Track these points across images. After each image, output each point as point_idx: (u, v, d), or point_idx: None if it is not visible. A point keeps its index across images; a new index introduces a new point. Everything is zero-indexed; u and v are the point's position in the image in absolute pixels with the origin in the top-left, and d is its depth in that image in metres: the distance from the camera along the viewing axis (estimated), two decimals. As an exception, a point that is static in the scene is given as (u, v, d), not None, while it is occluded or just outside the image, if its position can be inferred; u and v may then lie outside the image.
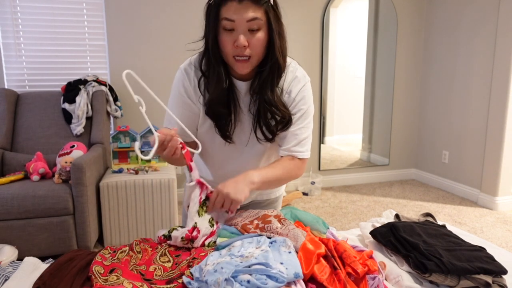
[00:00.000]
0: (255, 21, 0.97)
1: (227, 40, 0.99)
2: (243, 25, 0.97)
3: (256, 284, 0.71)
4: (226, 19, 0.97)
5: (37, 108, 2.78)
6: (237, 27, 0.97)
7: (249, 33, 0.98)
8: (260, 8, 0.97)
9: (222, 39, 1.00)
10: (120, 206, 2.49)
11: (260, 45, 1.01)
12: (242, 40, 0.98)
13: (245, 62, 1.02)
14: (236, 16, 0.96)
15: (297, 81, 1.13)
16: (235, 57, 1.01)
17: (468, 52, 3.45)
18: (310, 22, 3.63)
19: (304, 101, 1.14)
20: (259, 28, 0.99)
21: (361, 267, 0.83)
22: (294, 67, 1.14)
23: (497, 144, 3.21)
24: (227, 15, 0.96)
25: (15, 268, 0.93)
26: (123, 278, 0.80)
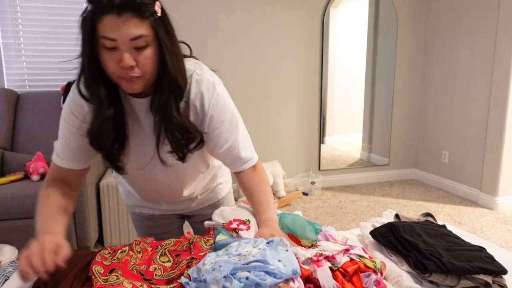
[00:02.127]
0: (140, 39, 0.82)
1: (110, 60, 0.84)
2: (126, 43, 0.81)
3: (255, 280, 0.71)
4: (105, 37, 0.81)
5: (37, 108, 2.78)
6: (120, 45, 0.82)
7: (135, 51, 0.83)
8: (144, 22, 0.82)
9: (104, 59, 0.84)
10: (120, 206, 2.49)
11: (151, 63, 0.86)
12: (128, 61, 0.82)
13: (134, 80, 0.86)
14: (117, 34, 0.80)
15: (207, 92, 0.98)
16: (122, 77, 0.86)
17: (468, 52, 3.45)
18: (310, 22, 3.63)
19: (223, 110, 1.01)
20: (146, 44, 0.84)
21: (351, 265, 0.83)
22: (199, 75, 0.98)
23: (497, 144, 3.21)
24: (106, 33, 0.80)
25: (15, 268, 0.93)
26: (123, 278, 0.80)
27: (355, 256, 0.86)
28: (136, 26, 0.81)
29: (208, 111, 0.98)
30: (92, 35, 0.83)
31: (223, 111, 1.01)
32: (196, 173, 1.15)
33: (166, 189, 1.15)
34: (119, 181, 1.27)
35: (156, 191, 1.16)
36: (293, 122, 3.74)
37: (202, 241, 0.96)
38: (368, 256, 0.88)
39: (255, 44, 3.48)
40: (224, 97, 1.02)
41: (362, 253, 0.88)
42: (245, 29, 3.43)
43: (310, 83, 3.73)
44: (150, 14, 0.83)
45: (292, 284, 0.74)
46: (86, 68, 0.87)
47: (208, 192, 1.28)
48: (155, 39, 0.85)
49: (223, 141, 1.03)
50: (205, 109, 0.98)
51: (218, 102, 0.99)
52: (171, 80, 0.90)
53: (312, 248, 0.91)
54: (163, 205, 1.25)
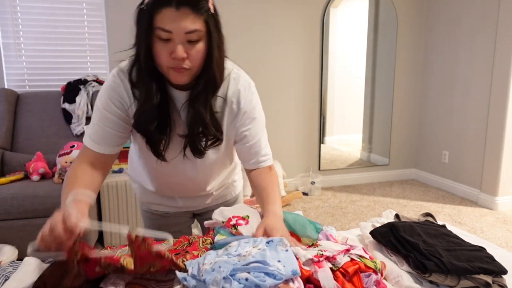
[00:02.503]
0: (194, 33, 0.87)
1: (163, 51, 0.89)
2: (181, 36, 0.86)
3: (254, 282, 0.71)
4: (162, 29, 0.86)
5: (37, 108, 2.78)
6: (174, 38, 0.87)
7: (187, 44, 0.88)
8: (200, 18, 0.87)
9: (157, 49, 0.89)
10: (120, 206, 2.49)
11: (200, 57, 0.92)
12: (181, 53, 0.87)
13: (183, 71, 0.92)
14: (174, 26, 0.85)
15: (243, 89, 1.05)
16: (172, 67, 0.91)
17: (468, 52, 3.45)
18: (310, 22, 3.63)
19: (255, 110, 1.08)
20: (199, 39, 0.89)
21: (352, 265, 0.83)
22: (237, 74, 1.06)
23: (497, 144, 3.21)
24: (162, 24, 0.85)
25: (15, 268, 0.93)
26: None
27: (356, 256, 0.86)
28: (192, 21, 0.86)
29: (243, 107, 1.05)
30: (150, 27, 0.88)
31: (255, 109, 1.08)
32: (222, 167, 1.20)
33: (190, 182, 1.17)
34: (135, 178, 1.28)
35: (179, 184, 1.18)
36: (293, 122, 3.74)
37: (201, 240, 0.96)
38: (369, 256, 0.89)
39: (255, 44, 3.48)
40: (257, 97, 1.10)
41: (363, 254, 0.88)
42: (245, 29, 3.43)
43: (310, 83, 3.73)
44: (205, 11, 0.88)
45: (292, 285, 0.74)
46: (142, 57, 0.92)
47: (223, 188, 1.30)
48: (206, 35, 0.91)
49: (250, 137, 1.09)
50: (241, 106, 1.05)
51: (252, 100, 1.07)
52: (210, 75, 0.96)
53: (312, 247, 0.91)
54: (179, 201, 1.26)
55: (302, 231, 1.01)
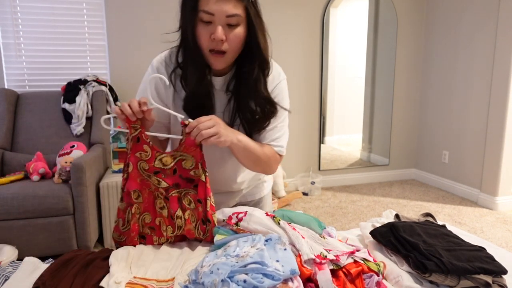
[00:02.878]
0: (234, 17, 0.94)
1: (204, 33, 0.96)
2: (222, 19, 0.94)
3: (253, 283, 0.71)
4: (205, 11, 0.93)
5: (37, 108, 2.78)
6: (216, 20, 0.94)
7: (227, 27, 0.95)
8: (241, 4, 0.94)
9: (199, 31, 0.97)
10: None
11: (238, 41, 0.98)
12: (220, 34, 0.94)
13: (220, 57, 0.99)
14: (216, 9, 0.92)
15: (272, 78, 1.10)
16: (211, 51, 0.98)
17: (468, 52, 3.45)
18: (310, 22, 3.63)
19: (283, 96, 1.13)
20: (238, 23, 0.96)
21: (355, 267, 0.83)
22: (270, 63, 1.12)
23: (497, 144, 3.21)
24: (206, 7, 0.93)
25: (15, 268, 0.93)
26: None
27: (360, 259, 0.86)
28: (234, 5, 0.93)
29: (272, 92, 1.10)
30: (194, 10, 0.94)
31: (283, 97, 1.13)
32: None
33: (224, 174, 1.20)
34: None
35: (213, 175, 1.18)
36: (293, 122, 3.74)
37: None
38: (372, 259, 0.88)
39: (255, 44, 3.48)
40: (285, 89, 1.15)
41: (367, 257, 0.88)
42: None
43: (310, 83, 3.73)
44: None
45: (291, 284, 0.74)
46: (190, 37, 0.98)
47: (252, 187, 1.32)
48: (245, 21, 0.97)
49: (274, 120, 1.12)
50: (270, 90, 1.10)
51: (281, 88, 1.13)
52: (262, 57, 1.02)
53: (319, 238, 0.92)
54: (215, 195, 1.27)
55: (307, 224, 1.01)
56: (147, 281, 0.84)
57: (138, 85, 1.12)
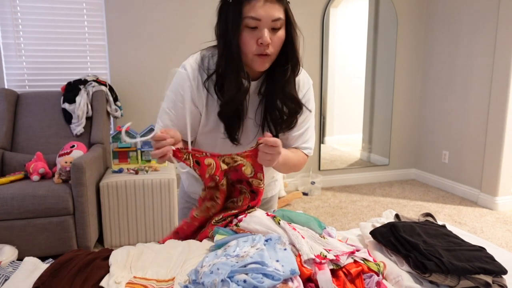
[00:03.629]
0: (278, 21, 0.98)
1: (250, 38, 0.98)
2: (268, 23, 0.97)
3: (253, 284, 0.71)
4: (252, 17, 0.95)
5: (37, 108, 2.78)
6: (262, 25, 0.96)
7: (272, 31, 0.99)
8: (282, 7, 0.99)
9: (244, 38, 0.98)
10: (120, 206, 2.49)
11: (280, 44, 1.02)
12: (267, 38, 0.97)
13: (266, 58, 1.01)
14: (263, 14, 0.95)
15: (303, 83, 1.15)
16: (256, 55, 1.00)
17: (468, 51, 3.45)
18: (310, 22, 3.63)
19: (308, 104, 1.16)
20: (281, 26, 1.00)
21: (355, 267, 0.83)
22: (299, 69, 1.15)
23: (497, 144, 3.21)
24: (252, 13, 0.95)
25: (15, 268, 0.93)
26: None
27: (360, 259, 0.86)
28: (277, 9, 0.97)
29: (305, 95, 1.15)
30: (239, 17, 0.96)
31: (310, 102, 1.18)
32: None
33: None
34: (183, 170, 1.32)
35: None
36: (293, 122, 3.74)
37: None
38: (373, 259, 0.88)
39: (255, 44, 3.48)
40: (313, 93, 1.20)
41: (367, 257, 0.88)
42: (245, 29, 3.43)
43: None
44: (286, 2, 1.01)
45: (291, 284, 0.74)
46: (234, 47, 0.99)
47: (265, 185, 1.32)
48: (284, 24, 1.01)
49: (299, 126, 1.16)
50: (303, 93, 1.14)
51: (309, 93, 1.17)
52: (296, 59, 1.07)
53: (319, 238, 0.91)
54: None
55: (307, 224, 1.01)
56: (147, 281, 0.84)
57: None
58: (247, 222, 0.96)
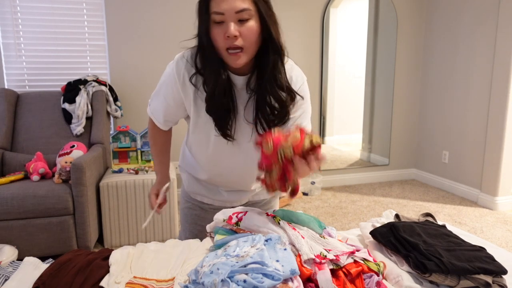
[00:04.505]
0: (244, 12, 0.96)
1: (218, 33, 0.98)
2: (232, 16, 0.96)
3: (253, 283, 0.71)
4: (215, 12, 0.96)
5: (37, 108, 2.78)
6: (227, 19, 0.96)
7: (239, 23, 0.97)
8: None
9: (213, 33, 0.99)
10: (120, 206, 2.49)
11: (252, 35, 0.99)
12: (233, 30, 0.96)
13: (238, 55, 0.99)
14: (225, 7, 0.95)
15: (296, 79, 1.12)
16: (228, 50, 0.99)
17: (468, 52, 3.45)
18: (310, 22, 3.63)
19: (303, 101, 1.13)
20: (249, 17, 0.97)
21: (355, 267, 0.83)
22: (290, 65, 1.13)
23: (497, 144, 3.21)
24: (216, 8, 0.96)
25: (15, 268, 0.93)
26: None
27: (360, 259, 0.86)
28: (241, 1, 0.95)
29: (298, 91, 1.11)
30: (207, 14, 0.98)
31: (304, 100, 1.13)
32: None
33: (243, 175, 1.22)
34: (185, 168, 1.33)
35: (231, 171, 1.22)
36: (293, 122, 3.74)
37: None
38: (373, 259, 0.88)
39: (255, 44, 3.48)
40: (307, 89, 1.16)
41: (367, 257, 0.88)
42: (245, 29, 3.43)
43: (310, 83, 3.72)
44: None
45: (291, 284, 0.74)
46: (205, 43, 1.01)
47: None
48: (257, 14, 0.98)
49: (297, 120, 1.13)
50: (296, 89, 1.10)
51: (303, 90, 1.13)
52: (276, 45, 1.03)
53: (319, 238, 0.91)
54: (224, 194, 1.28)
55: (307, 224, 1.01)
56: (147, 281, 0.84)
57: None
58: (247, 221, 0.96)
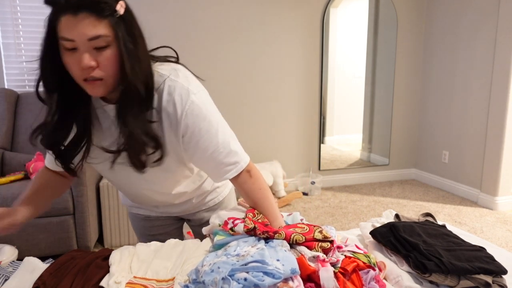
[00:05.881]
0: (99, 39, 0.79)
1: (72, 62, 0.82)
2: (84, 44, 0.79)
3: (253, 282, 0.71)
4: (64, 38, 0.79)
5: (37, 108, 2.78)
6: (79, 46, 0.80)
7: (95, 51, 0.81)
8: (102, 21, 0.79)
9: (66, 61, 0.83)
10: (120, 206, 2.49)
11: (112, 65, 0.83)
12: (87, 61, 0.80)
13: (97, 83, 0.84)
14: (74, 34, 0.78)
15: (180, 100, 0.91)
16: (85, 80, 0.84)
17: (468, 52, 3.45)
18: (310, 22, 3.63)
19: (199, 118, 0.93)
20: (107, 44, 0.81)
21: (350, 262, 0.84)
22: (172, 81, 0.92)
23: (497, 144, 3.21)
24: (64, 33, 0.79)
25: (15, 268, 0.93)
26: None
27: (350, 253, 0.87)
28: (93, 25, 0.78)
29: (182, 119, 0.92)
30: (54, 36, 0.82)
31: (199, 119, 0.93)
32: (180, 178, 1.09)
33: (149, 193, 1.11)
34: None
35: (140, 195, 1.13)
36: (293, 122, 3.74)
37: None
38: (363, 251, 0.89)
39: (255, 44, 3.48)
40: (200, 103, 0.93)
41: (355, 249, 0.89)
42: (245, 29, 3.43)
43: (310, 83, 3.73)
44: (109, 13, 0.79)
45: (291, 284, 0.74)
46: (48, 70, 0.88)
47: (204, 195, 1.23)
48: (115, 40, 0.82)
49: (202, 151, 0.96)
50: (178, 117, 0.92)
51: (193, 110, 0.92)
52: (129, 85, 0.85)
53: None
54: (159, 207, 1.22)
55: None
56: (147, 281, 0.84)
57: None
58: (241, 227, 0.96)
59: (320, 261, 0.81)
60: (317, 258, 0.82)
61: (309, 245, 0.87)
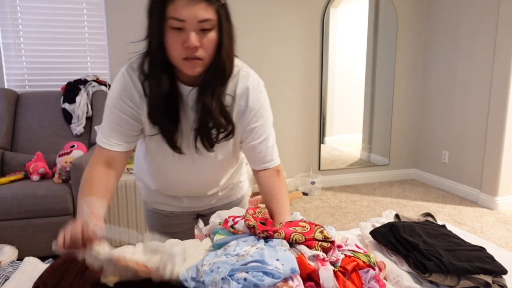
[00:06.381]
0: (207, 22, 0.88)
1: (176, 41, 0.89)
2: (194, 25, 0.87)
3: (253, 281, 0.71)
4: (175, 18, 0.87)
5: (37, 108, 2.78)
6: (187, 26, 0.87)
7: (200, 33, 0.89)
8: (211, 7, 0.88)
9: (169, 39, 0.90)
10: (120, 206, 2.49)
11: (213, 46, 0.92)
12: (194, 41, 0.88)
13: (197, 62, 0.92)
14: (187, 15, 0.86)
15: (252, 87, 1.05)
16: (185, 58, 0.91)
17: (468, 52, 3.45)
18: (310, 22, 3.63)
19: (263, 108, 1.08)
20: (211, 28, 0.90)
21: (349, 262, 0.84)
22: (246, 72, 1.06)
23: (497, 144, 3.20)
24: (175, 14, 0.86)
25: (15, 268, 0.93)
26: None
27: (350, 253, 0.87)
28: (204, 9, 0.87)
29: (251, 105, 1.05)
30: (162, 18, 0.88)
31: (263, 108, 1.08)
32: (229, 166, 1.20)
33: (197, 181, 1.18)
34: (140, 177, 1.28)
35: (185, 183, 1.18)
36: (293, 122, 3.74)
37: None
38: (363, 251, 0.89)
39: (255, 44, 3.48)
40: (266, 96, 1.10)
41: (355, 248, 0.89)
42: (246, 29, 3.43)
43: (310, 83, 3.73)
44: (216, 0, 0.89)
45: (291, 283, 0.74)
46: (154, 48, 0.93)
47: (228, 189, 1.30)
48: (217, 24, 0.91)
49: (257, 135, 1.09)
50: (249, 103, 1.05)
51: (260, 98, 1.07)
52: (220, 65, 0.96)
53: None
54: (184, 201, 1.25)
55: None
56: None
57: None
58: (242, 224, 0.96)
59: (320, 260, 0.81)
60: (317, 257, 0.82)
61: (309, 244, 0.87)
